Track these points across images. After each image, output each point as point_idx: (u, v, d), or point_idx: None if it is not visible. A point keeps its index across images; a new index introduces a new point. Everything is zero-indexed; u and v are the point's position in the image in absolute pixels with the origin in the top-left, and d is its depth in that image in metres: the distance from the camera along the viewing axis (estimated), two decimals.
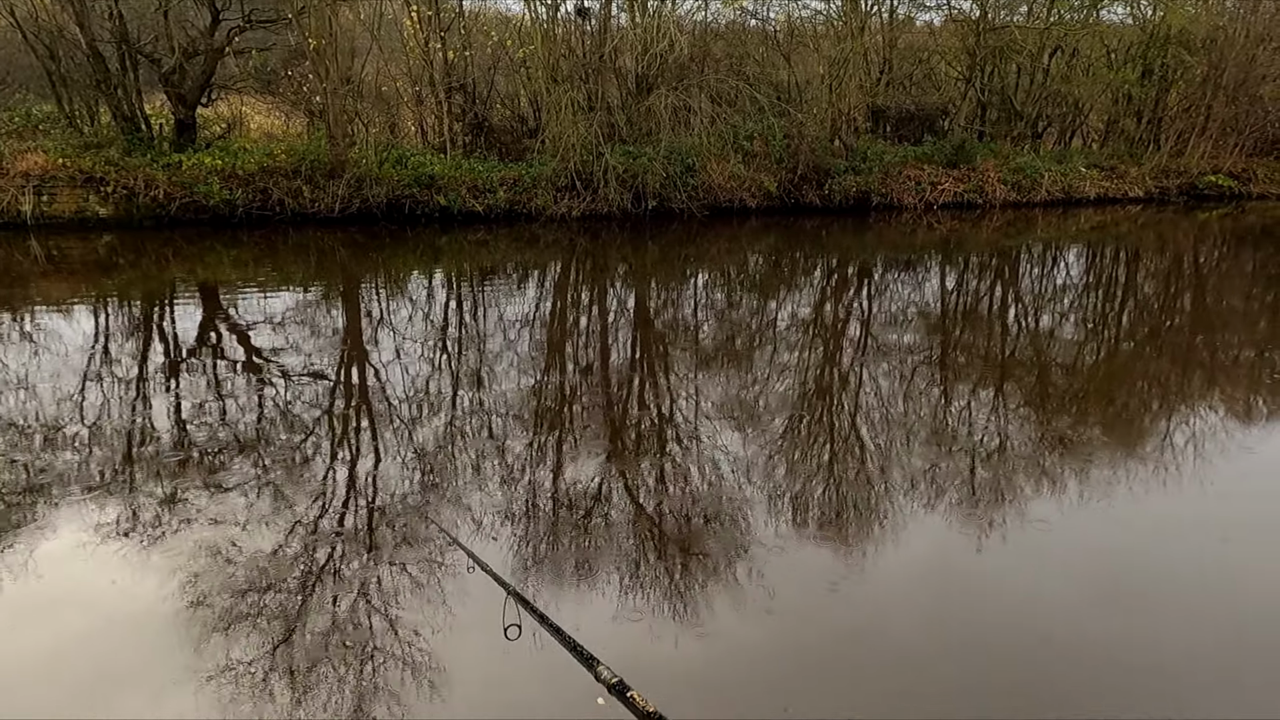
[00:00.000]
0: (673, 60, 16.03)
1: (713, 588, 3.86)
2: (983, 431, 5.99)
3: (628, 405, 6.48)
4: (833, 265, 13.17)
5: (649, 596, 3.77)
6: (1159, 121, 21.21)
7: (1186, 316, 10.29)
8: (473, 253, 13.03)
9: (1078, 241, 15.67)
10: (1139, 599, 3.88)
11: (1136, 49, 20.55)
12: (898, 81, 20.43)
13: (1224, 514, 4.83)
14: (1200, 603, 3.85)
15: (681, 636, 3.46)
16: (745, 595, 3.78)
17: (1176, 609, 3.81)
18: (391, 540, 4.18)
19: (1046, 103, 20.79)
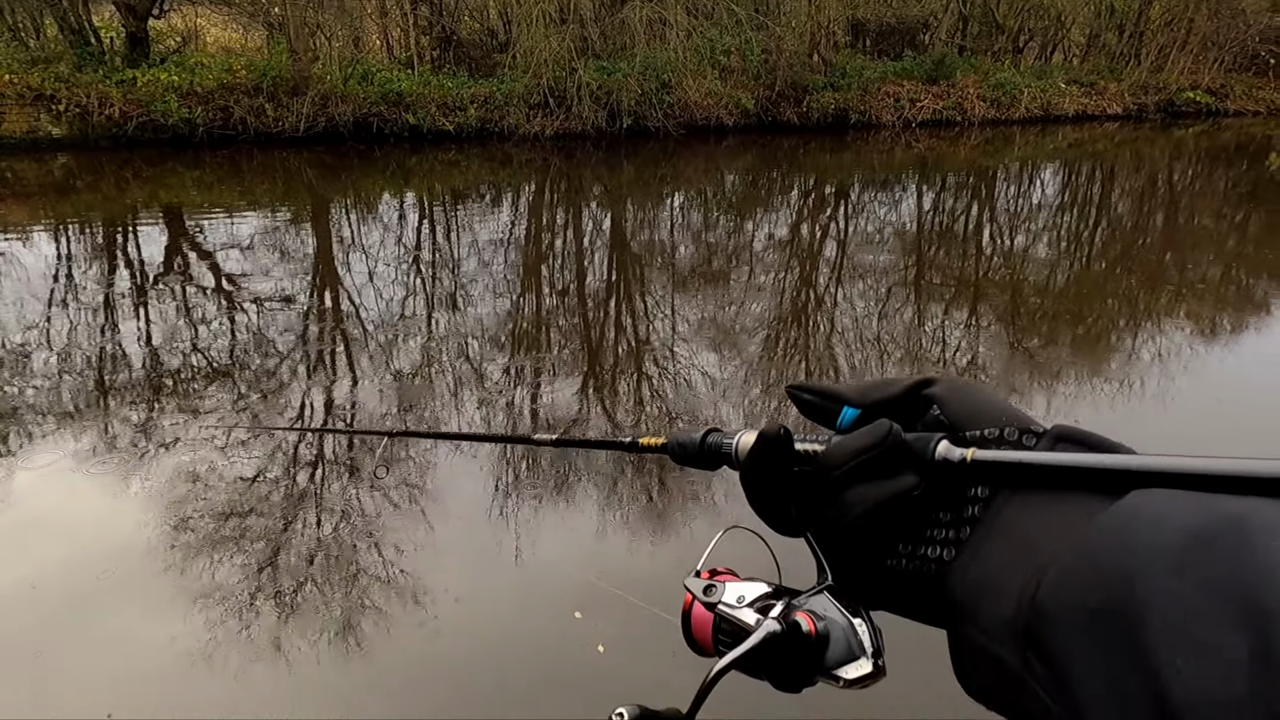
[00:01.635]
0: None
1: (690, 507, 3.95)
2: (955, 350, 6.09)
3: (605, 327, 6.49)
4: (810, 185, 13.07)
5: (628, 515, 3.86)
6: (1140, 35, 20.92)
7: (1158, 236, 10.39)
8: (444, 173, 12.75)
9: (1054, 160, 15.62)
10: None
11: None
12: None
13: (1187, 431, 4.99)
14: None
15: (659, 552, 3.57)
16: (720, 512, 3.88)
17: None
18: (371, 462, 4.21)
19: (1029, 15, 20.40)
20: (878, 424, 0.45)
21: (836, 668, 0.44)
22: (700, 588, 0.51)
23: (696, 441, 0.57)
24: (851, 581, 0.47)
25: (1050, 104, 19.00)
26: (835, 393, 0.52)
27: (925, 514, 0.44)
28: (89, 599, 3.16)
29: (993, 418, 0.45)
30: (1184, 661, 0.29)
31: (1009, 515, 0.41)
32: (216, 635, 2.93)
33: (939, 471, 0.43)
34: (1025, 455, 0.41)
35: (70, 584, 3.25)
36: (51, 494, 3.90)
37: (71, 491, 3.89)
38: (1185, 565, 0.31)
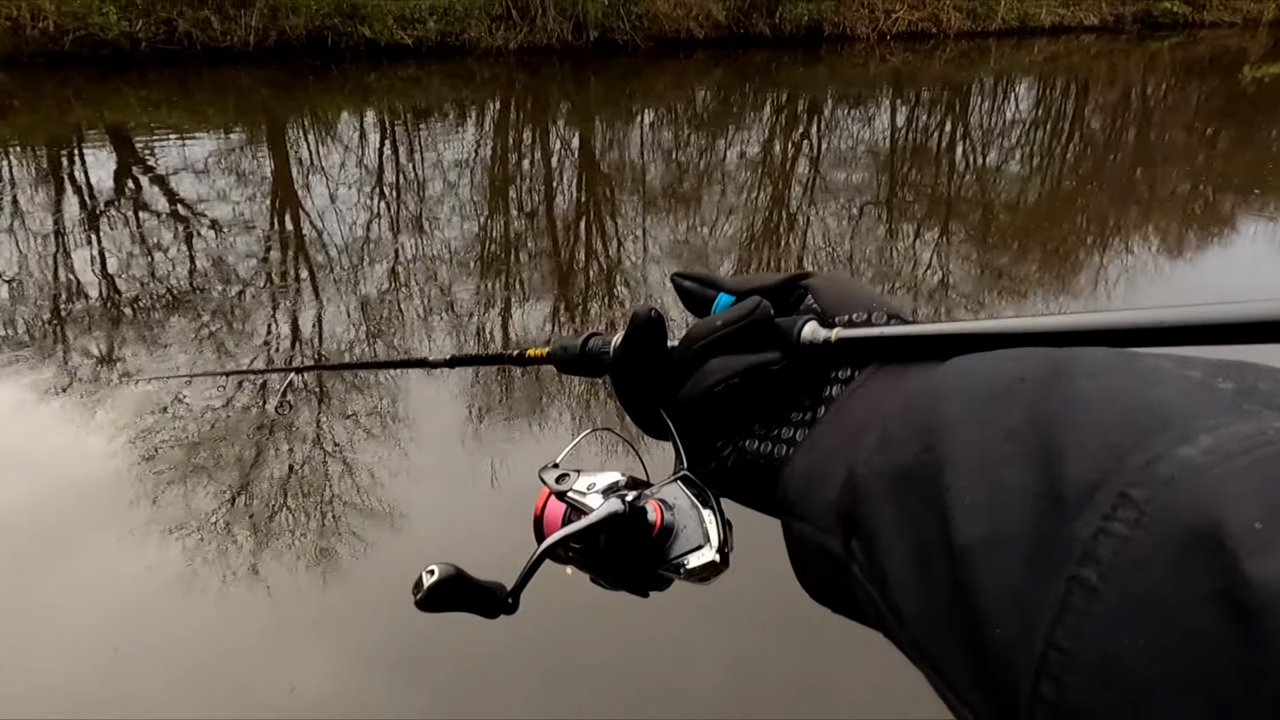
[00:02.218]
0: None
1: None
2: (926, 268, 6.09)
3: (575, 249, 6.39)
4: (782, 101, 12.80)
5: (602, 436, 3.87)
6: None
7: (1129, 151, 10.37)
8: (405, 91, 12.28)
9: (1030, 74, 15.42)
10: None
11: None
12: None
13: None
14: None
15: None
16: None
17: None
18: (341, 388, 4.16)
19: None
20: (747, 300, 0.44)
21: (680, 557, 0.42)
22: (554, 477, 0.49)
23: (577, 347, 0.55)
24: (703, 467, 0.45)
25: (1027, 15, 18.63)
26: (714, 280, 0.50)
27: (788, 396, 0.42)
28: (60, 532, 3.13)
29: (863, 304, 0.44)
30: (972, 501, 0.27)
31: (858, 395, 0.39)
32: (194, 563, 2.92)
33: (804, 353, 0.41)
34: (881, 330, 0.40)
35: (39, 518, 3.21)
36: (13, 429, 3.81)
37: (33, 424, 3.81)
38: (992, 411, 0.29)
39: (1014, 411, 0.28)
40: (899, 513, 0.30)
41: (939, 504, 0.28)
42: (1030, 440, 0.27)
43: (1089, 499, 0.24)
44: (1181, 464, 0.23)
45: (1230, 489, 0.21)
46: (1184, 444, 0.23)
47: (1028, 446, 0.27)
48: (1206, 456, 0.22)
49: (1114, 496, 0.23)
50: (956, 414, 0.30)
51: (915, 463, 0.30)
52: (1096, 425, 0.26)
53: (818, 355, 0.41)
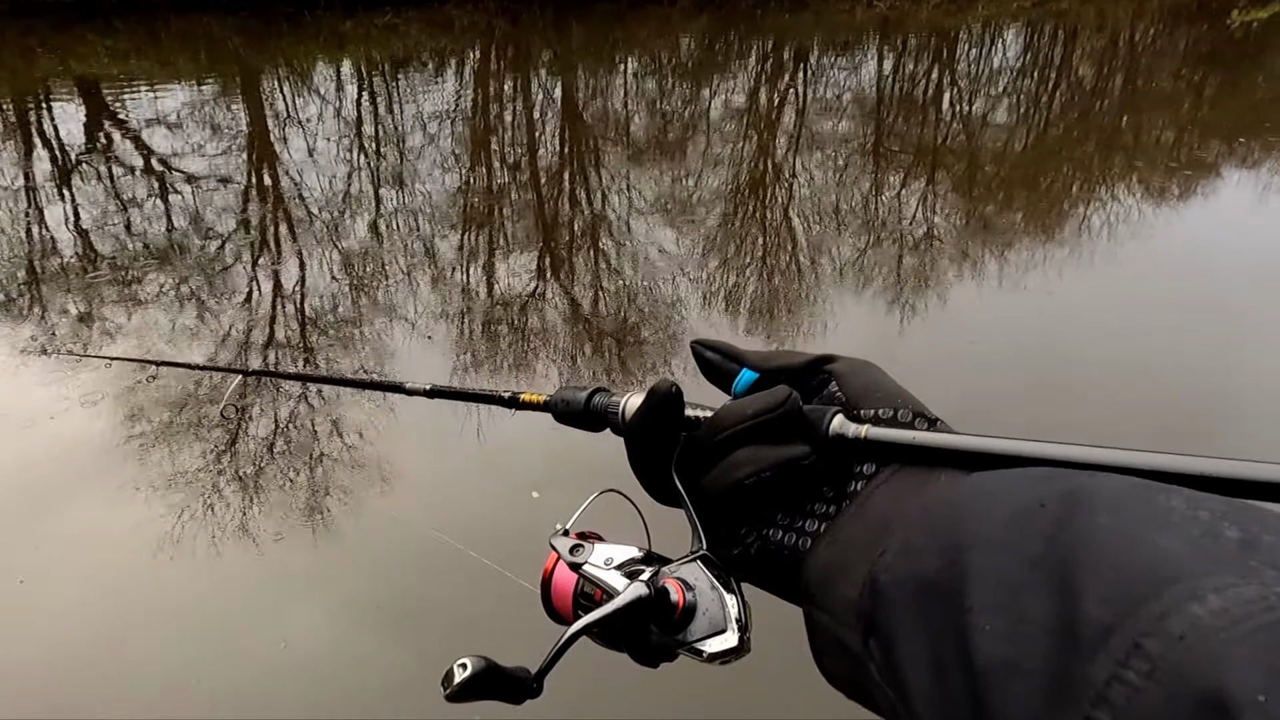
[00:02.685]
0: None
1: (649, 378, 3.98)
2: (911, 219, 6.08)
3: (559, 202, 6.32)
4: (768, 49, 12.59)
5: None
6: None
7: (1115, 99, 10.30)
8: (382, 39, 11.98)
9: (1018, 20, 15.21)
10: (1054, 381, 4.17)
11: None
12: None
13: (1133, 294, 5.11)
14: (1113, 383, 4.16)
15: None
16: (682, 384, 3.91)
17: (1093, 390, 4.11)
18: (325, 345, 4.14)
19: None
20: (777, 389, 0.44)
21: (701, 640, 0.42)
22: (566, 546, 0.48)
23: (581, 401, 0.54)
24: (725, 551, 0.45)
25: None
26: (736, 353, 0.50)
27: (811, 487, 0.43)
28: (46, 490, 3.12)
29: (889, 398, 0.44)
30: (992, 625, 0.29)
31: (880, 493, 0.40)
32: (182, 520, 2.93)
33: (831, 446, 0.42)
34: (913, 435, 0.41)
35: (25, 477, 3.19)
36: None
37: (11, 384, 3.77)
38: (1013, 535, 0.31)
39: (1034, 538, 0.30)
40: (919, 622, 0.32)
41: (960, 621, 0.30)
42: (1050, 571, 0.28)
43: (1104, 641, 0.25)
44: (1191, 622, 0.24)
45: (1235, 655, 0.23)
46: (1193, 601, 0.25)
47: (1047, 577, 0.28)
48: (1214, 619, 0.24)
49: (1128, 644, 0.25)
50: (978, 532, 0.32)
51: (937, 577, 0.32)
52: (1111, 567, 0.27)
53: (845, 449, 0.42)
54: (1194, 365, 4.21)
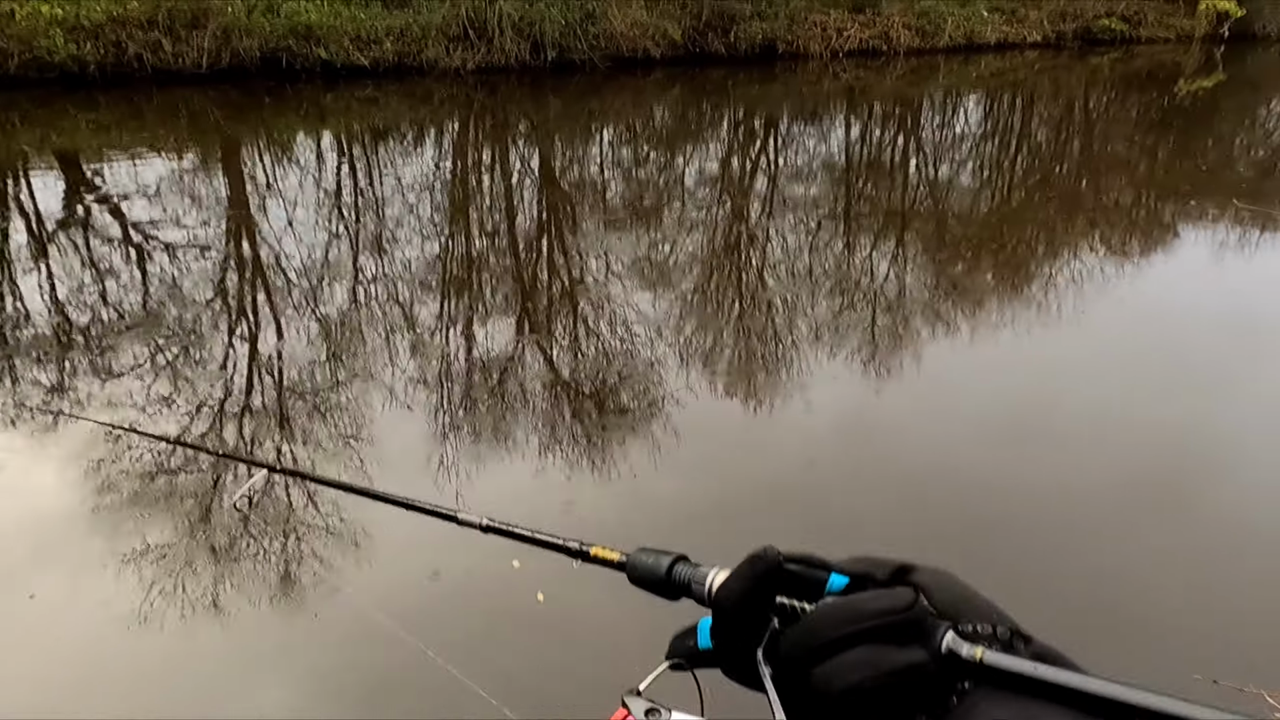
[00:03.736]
0: None
1: (630, 442, 3.99)
2: (883, 279, 6.21)
3: (537, 267, 6.40)
4: (739, 117, 12.98)
5: (567, 454, 3.88)
6: None
7: (1074, 162, 10.69)
8: (362, 111, 12.22)
9: (977, 89, 15.83)
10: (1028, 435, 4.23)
11: None
12: None
13: (1100, 350, 5.23)
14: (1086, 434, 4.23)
15: (599, 489, 3.60)
16: (661, 448, 3.92)
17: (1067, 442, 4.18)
18: (304, 411, 4.11)
19: None
20: (900, 590, 0.43)
21: None
22: (642, 709, 0.48)
23: (662, 570, 0.55)
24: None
25: (973, 32, 19.14)
26: (822, 561, 0.50)
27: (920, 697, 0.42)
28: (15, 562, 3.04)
29: (982, 614, 0.44)
30: None
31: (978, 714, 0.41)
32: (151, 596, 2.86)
33: (944, 661, 0.42)
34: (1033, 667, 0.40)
35: None
36: None
37: None
38: None
39: None
40: None
41: None
42: None
43: None
44: None
45: None
46: None
47: None
48: None
49: None
50: None
51: None
52: None
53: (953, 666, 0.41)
54: (1164, 416, 4.30)
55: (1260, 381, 4.73)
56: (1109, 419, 4.29)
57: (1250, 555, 3.26)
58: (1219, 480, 3.80)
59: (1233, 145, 11.62)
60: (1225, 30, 21.66)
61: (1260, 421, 4.30)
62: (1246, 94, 15.84)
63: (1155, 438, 4.11)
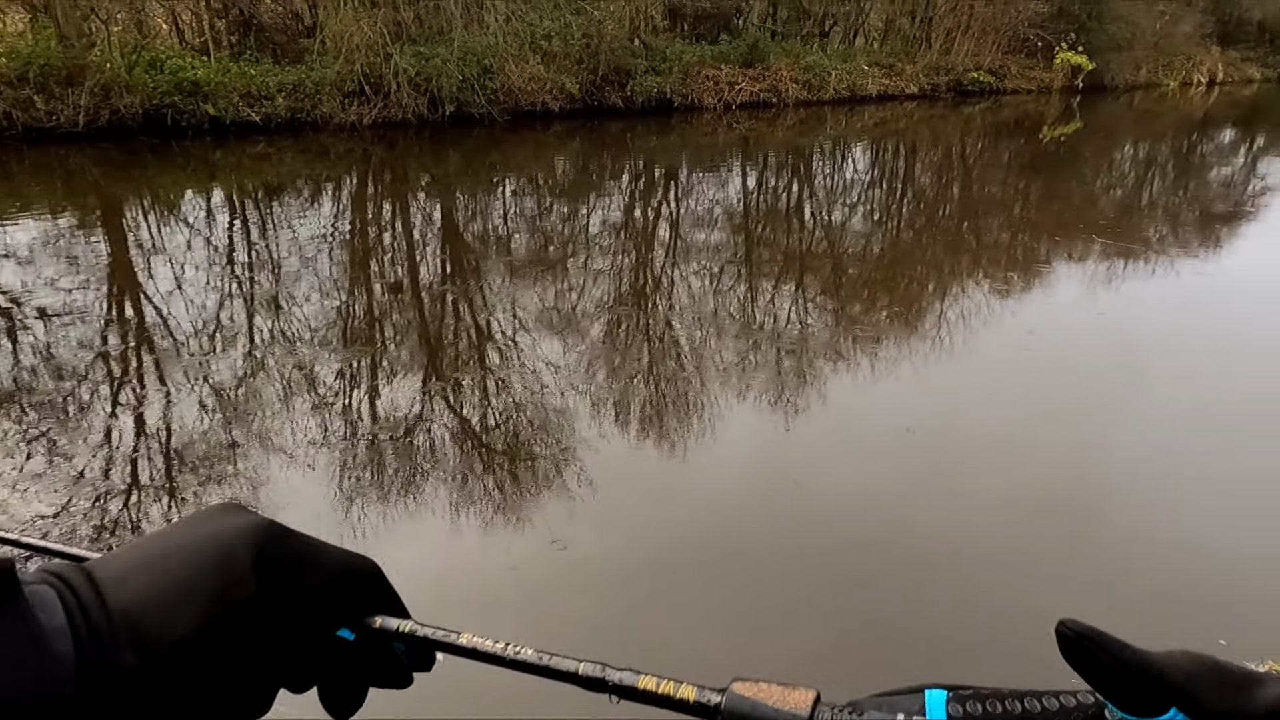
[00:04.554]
0: None
1: (544, 496, 3.93)
2: (786, 322, 6.39)
3: (442, 321, 6.30)
4: (640, 168, 13.26)
5: (479, 510, 3.79)
6: (930, 20, 22.68)
7: (955, 205, 11.35)
8: (254, 167, 11.89)
9: (863, 138, 16.69)
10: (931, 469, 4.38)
11: None
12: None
13: (992, 380, 5.50)
14: (987, 465, 4.41)
15: (513, 547, 3.52)
16: (575, 500, 3.88)
17: (969, 474, 4.34)
18: (195, 483, 3.88)
19: (832, 1, 21.58)
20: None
21: None
22: None
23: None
24: None
25: (856, 85, 20.26)
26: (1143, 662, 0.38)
27: None
28: None
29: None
30: None
31: None
32: None
33: None
34: None
35: None
36: None
37: None
38: None
39: None
40: None
41: None
42: None
43: None
44: None
45: None
46: None
47: None
48: None
49: None
50: None
51: None
52: None
53: None
54: (1057, 443, 4.54)
55: (1140, 400, 5.07)
56: (1007, 449, 4.50)
57: (1145, 574, 3.44)
58: (1113, 503, 4.02)
59: (1094, 186, 12.59)
60: (1079, 82, 23.62)
61: (1146, 441, 4.59)
62: (1101, 139, 17.26)
63: (1051, 465, 4.33)
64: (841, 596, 3.29)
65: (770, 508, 3.91)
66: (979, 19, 22.19)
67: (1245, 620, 3.07)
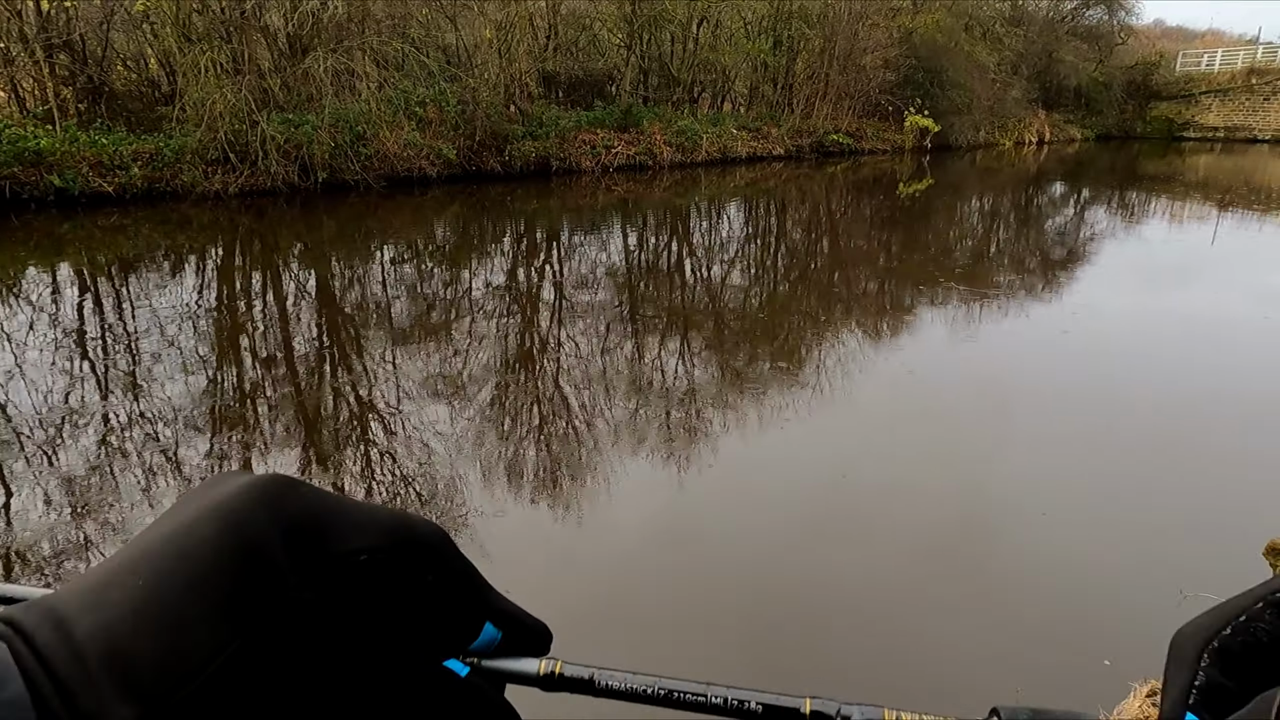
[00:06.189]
0: (328, 19, 14.87)
1: None
2: (674, 376, 6.47)
3: (320, 394, 6.03)
4: (521, 230, 13.30)
5: None
6: (791, 87, 24.09)
7: (826, 258, 11.93)
8: (107, 240, 11.17)
9: (736, 197, 17.38)
10: (823, 518, 4.48)
11: (768, 21, 23.09)
12: (565, 47, 20.93)
13: (872, 425, 5.73)
14: (877, 511, 4.55)
15: None
16: None
17: (861, 521, 4.46)
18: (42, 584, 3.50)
19: (699, 70, 22.61)
20: None
21: None
22: None
23: None
24: None
25: (727, 147, 21.18)
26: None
27: None
28: None
29: None
30: None
31: None
32: None
33: None
34: None
35: None
36: None
37: None
38: None
39: None
40: None
41: None
42: None
43: None
44: None
45: None
46: None
47: None
48: None
49: None
50: None
51: None
52: None
53: None
54: (940, 481, 4.74)
55: (1013, 429, 5.38)
56: (895, 493, 4.66)
57: (1033, 610, 3.61)
58: (999, 537, 4.22)
59: (947, 237, 13.54)
60: (928, 142, 25.55)
61: (1021, 469, 4.87)
62: (950, 195, 18.65)
63: (938, 505, 4.51)
64: (747, 647, 3.29)
65: (666, 571, 3.89)
66: (834, 86, 23.77)
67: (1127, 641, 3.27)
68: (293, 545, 0.31)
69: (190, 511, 0.32)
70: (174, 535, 0.30)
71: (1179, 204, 17.48)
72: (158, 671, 0.27)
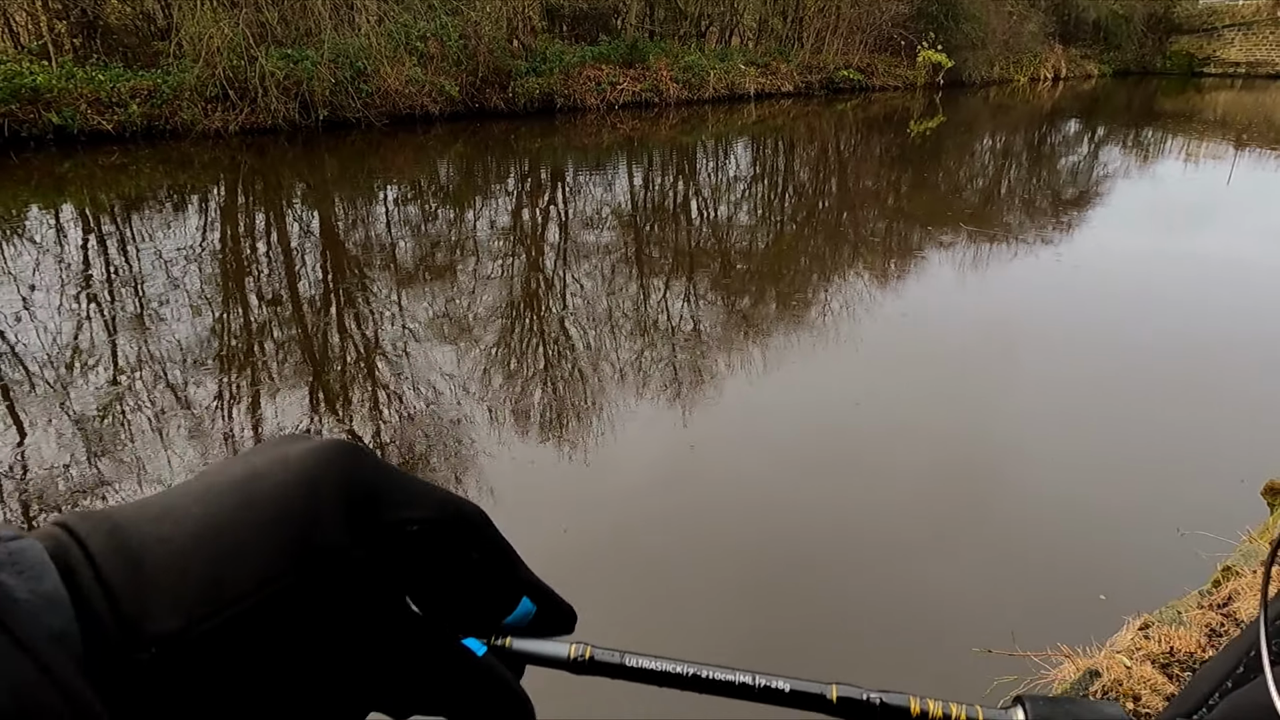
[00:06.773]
0: None
1: None
2: (679, 318, 6.47)
3: (327, 334, 6.05)
4: (525, 170, 13.13)
5: None
6: (800, 20, 23.43)
7: (834, 198, 11.78)
8: (109, 179, 11.08)
9: (743, 135, 17.08)
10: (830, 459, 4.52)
11: None
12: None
13: (879, 366, 5.73)
14: (883, 451, 4.58)
15: None
16: None
17: (867, 461, 4.50)
18: None
19: (706, 2, 21.98)
20: None
21: None
22: None
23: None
24: None
25: (734, 84, 20.72)
26: None
27: None
28: None
29: None
30: None
31: None
32: None
33: None
34: None
35: None
36: None
37: None
38: None
39: None
40: None
41: None
42: None
43: None
44: None
45: None
46: None
47: None
48: None
49: None
50: None
51: None
52: None
53: None
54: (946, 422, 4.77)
55: (1021, 372, 5.39)
56: (901, 433, 4.69)
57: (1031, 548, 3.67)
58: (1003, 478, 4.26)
59: (957, 177, 13.33)
60: (941, 79, 24.94)
61: (1027, 412, 4.89)
62: (962, 133, 18.29)
63: (943, 445, 4.54)
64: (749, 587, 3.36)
65: (671, 511, 3.94)
66: (846, 19, 23.11)
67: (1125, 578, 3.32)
68: (352, 506, 0.32)
69: (260, 460, 0.33)
70: (242, 476, 0.32)
71: (1195, 142, 17.13)
72: (209, 588, 0.28)
